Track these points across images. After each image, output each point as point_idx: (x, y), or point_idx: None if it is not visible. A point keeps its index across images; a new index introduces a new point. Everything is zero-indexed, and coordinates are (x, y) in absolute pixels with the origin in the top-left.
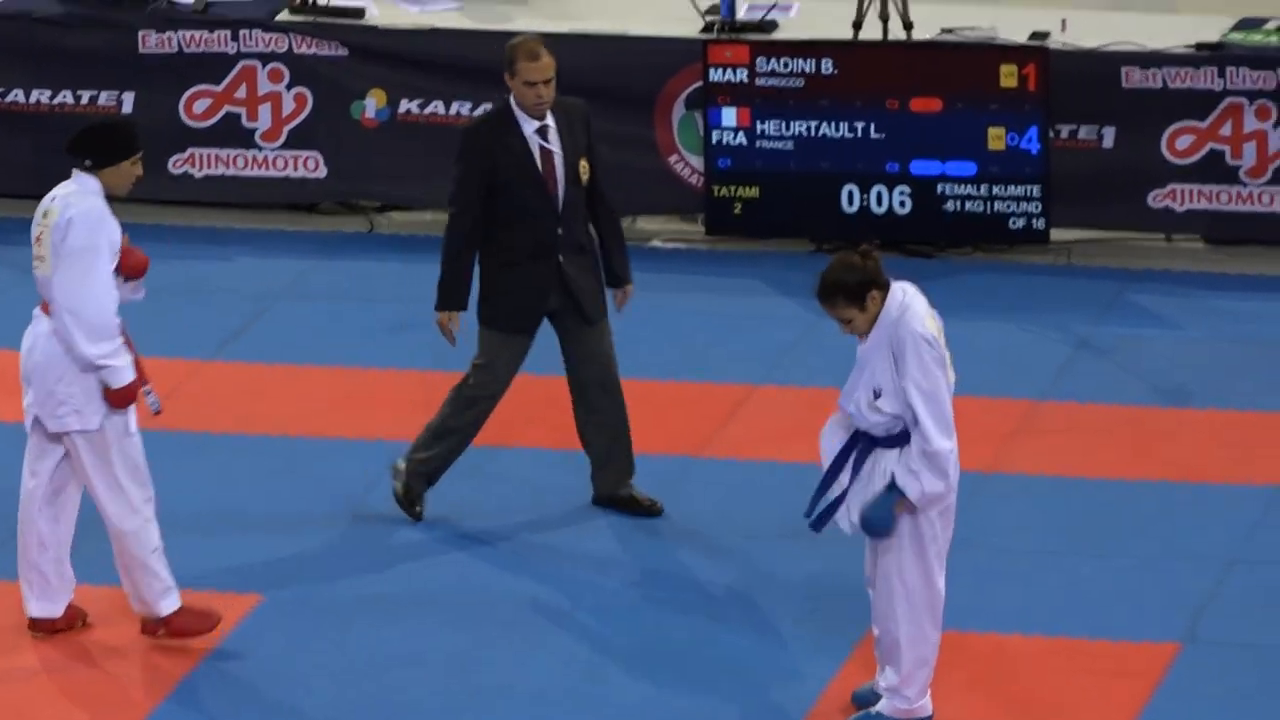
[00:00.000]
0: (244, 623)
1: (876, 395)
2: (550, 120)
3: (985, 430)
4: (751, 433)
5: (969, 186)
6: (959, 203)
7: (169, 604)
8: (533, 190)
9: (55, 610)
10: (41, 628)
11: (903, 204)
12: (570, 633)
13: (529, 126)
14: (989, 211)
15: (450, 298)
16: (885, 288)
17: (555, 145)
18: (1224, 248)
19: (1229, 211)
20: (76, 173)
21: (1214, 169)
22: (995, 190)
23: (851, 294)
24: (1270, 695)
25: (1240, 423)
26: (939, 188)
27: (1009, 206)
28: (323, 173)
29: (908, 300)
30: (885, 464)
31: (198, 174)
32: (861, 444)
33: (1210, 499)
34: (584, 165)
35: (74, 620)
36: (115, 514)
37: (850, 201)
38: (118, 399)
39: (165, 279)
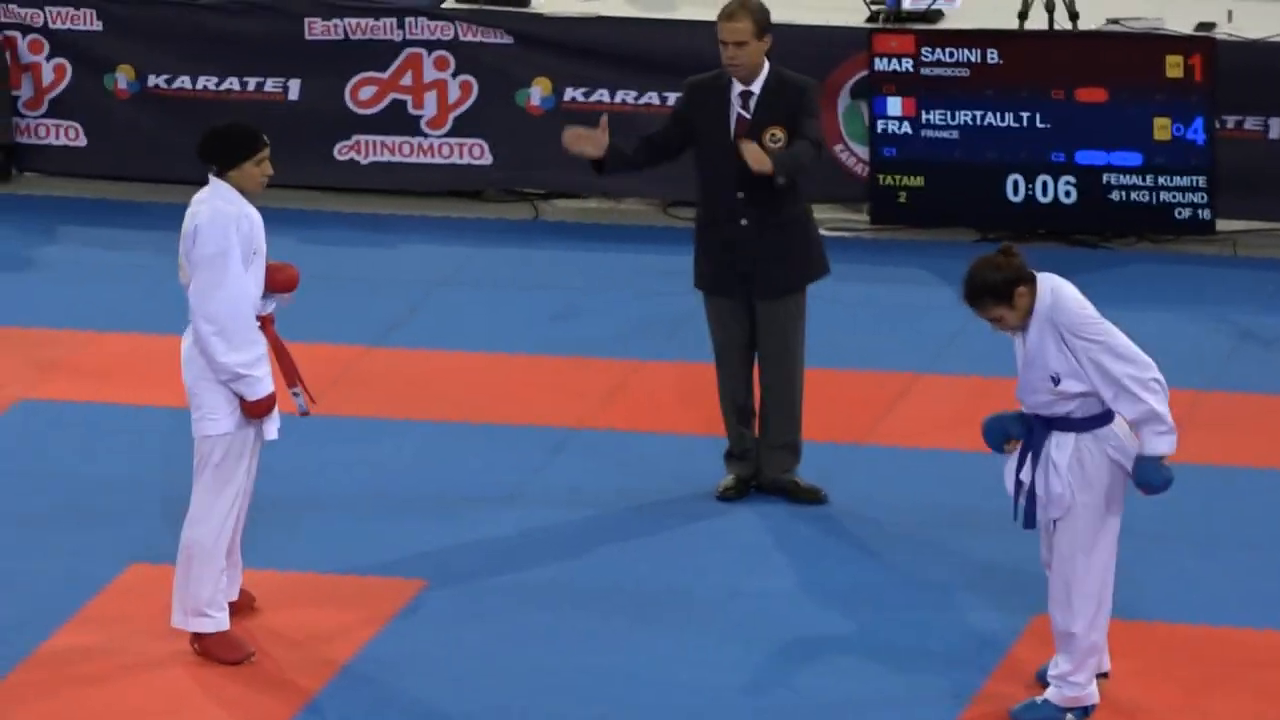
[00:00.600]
0: (408, 608)
1: (1056, 382)
2: (757, 89)
3: None
4: (914, 421)
5: (1134, 177)
6: (1124, 193)
7: (197, 624)
8: (720, 151)
9: (229, 594)
10: None
11: (1068, 194)
12: (737, 623)
13: (735, 89)
14: (1154, 202)
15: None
16: (1031, 282)
17: (750, 113)
18: None
19: None
20: (211, 178)
21: None
22: (1161, 180)
23: (998, 293)
24: None
25: None
26: (1104, 178)
27: (1174, 197)
28: (488, 160)
29: (1057, 287)
30: (1065, 445)
31: (363, 160)
32: (1036, 432)
33: None
34: (775, 132)
35: (244, 604)
36: (192, 515)
37: (1015, 191)
38: (254, 410)
39: (329, 265)
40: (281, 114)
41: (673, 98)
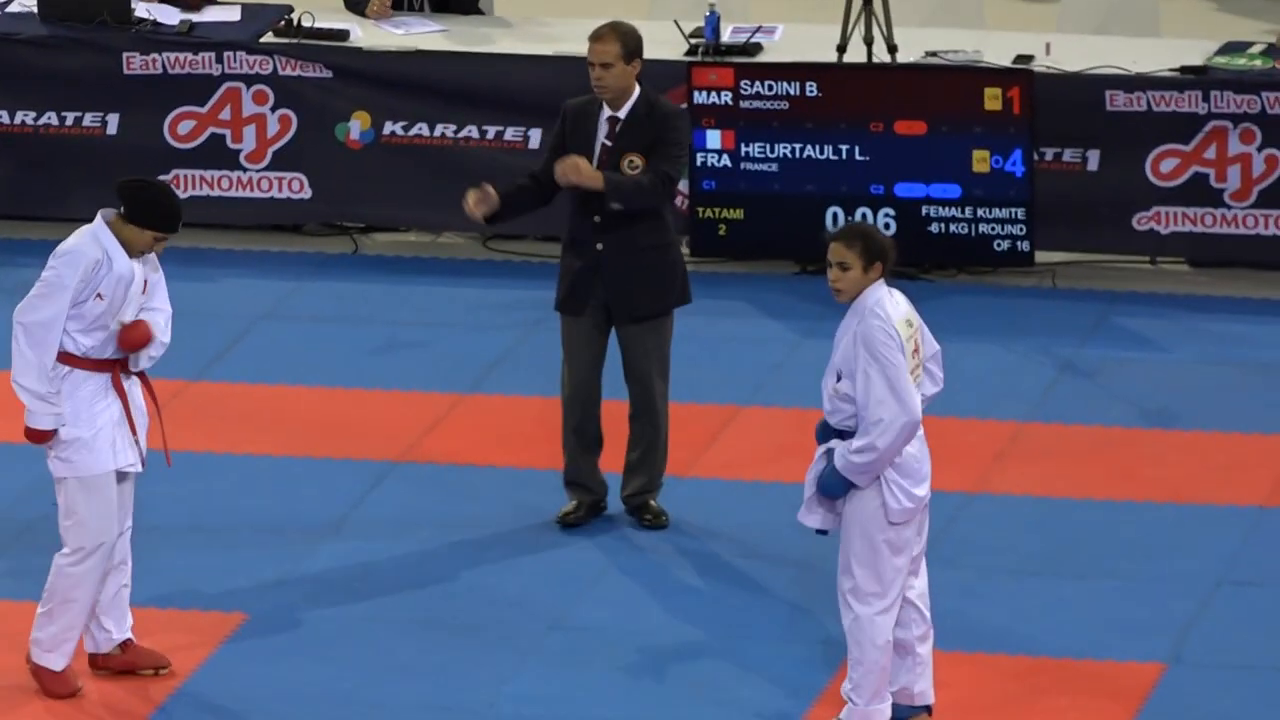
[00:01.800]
0: (228, 642)
1: (839, 379)
2: (623, 114)
3: (971, 451)
4: (737, 453)
5: (954, 209)
6: (944, 225)
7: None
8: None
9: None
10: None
11: (887, 226)
12: (552, 652)
13: (604, 114)
14: (974, 234)
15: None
16: (884, 274)
17: (611, 138)
18: (1208, 270)
19: (1213, 234)
20: (107, 213)
21: (1198, 192)
22: (980, 213)
23: (869, 250)
24: (1254, 716)
25: (1225, 444)
26: (924, 210)
27: (994, 229)
28: (307, 194)
29: (887, 297)
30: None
31: (183, 194)
32: (818, 434)
33: (1195, 520)
34: (632, 159)
35: (133, 658)
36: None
37: (835, 223)
38: (31, 436)
39: None
40: (100, 148)
41: (492, 131)
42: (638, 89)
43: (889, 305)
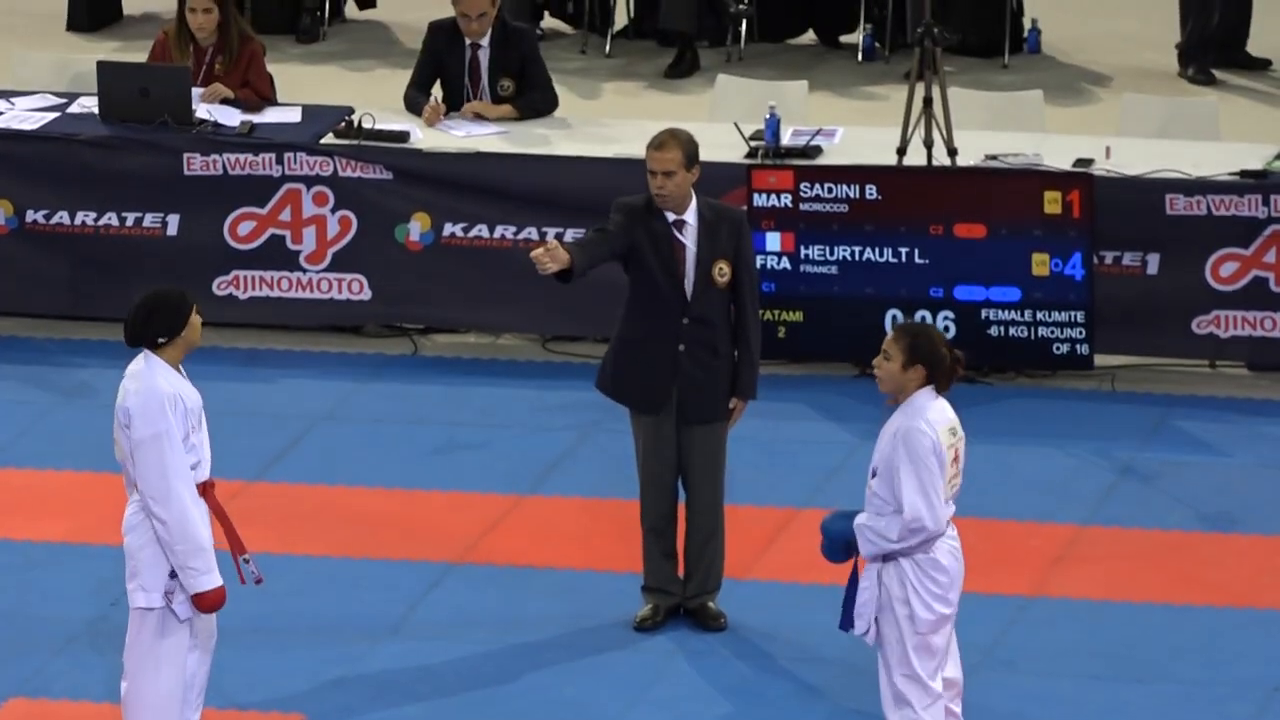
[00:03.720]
0: None
1: (873, 475)
2: (690, 219)
3: (1030, 555)
4: (795, 555)
5: (1013, 312)
6: (1003, 328)
7: None
8: (663, 274)
9: None
10: None
11: (946, 329)
12: None
13: (668, 217)
14: (1033, 337)
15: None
16: (930, 379)
17: (689, 241)
18: (1268, 374)
19: (1273, 338)
20: (145, 352)
21: (1258, 295)
22: (1039, 316)
23: (912, 349)
24: None
25: None
26: (983, 313)
27: (1053, 332)
28: (367, 295)
29: (932, 405)
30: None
31: (242, 296)
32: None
33: (1255, 625)
34: (722, 266)
35: None
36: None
37: (894, 326)
38: (201, 604)
39: (208, 401)
40: (160, 249)
41: (552, 232)
42: (693, 194)
43: (934, 411)
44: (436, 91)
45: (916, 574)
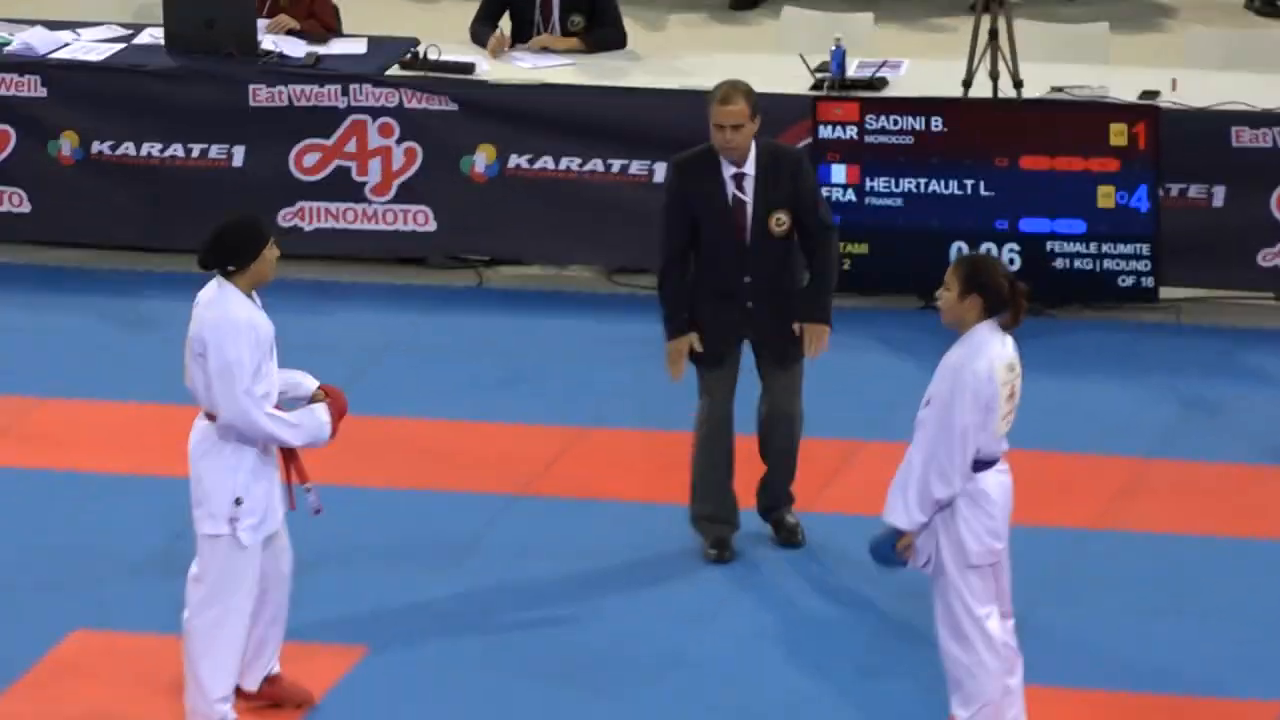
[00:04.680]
0: (349, 674)
1: (926, 404)
2: (750, 169)
3: (1094, 487)
4: (860, 488)
5: (1078, 244)
6: (1068, 260)
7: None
8: (723, 234)
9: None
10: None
11: (1011, 261)
12: (672, 688)
13: (728, 170)
14: (1098, 269)
15: (671, 325)
16: (990, 309)
17: (748, 195)
18: None
19: None
20: (219, 278)
21: None
22: (1105, 248)
23: (969, 279)
24: None
25: None
26: (1048, 245)
27: (1118, 265)
28: (432, 227)
29: (989, 339)
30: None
31: (307, 227)
32: None
33: None
34: (780, 217)
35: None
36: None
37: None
38: (339, 408)
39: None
40: (226, 180)
41: (617, 164)
42: (753, 143)
43: (985, 351)
44: (503, 24)
45: (967, 505)
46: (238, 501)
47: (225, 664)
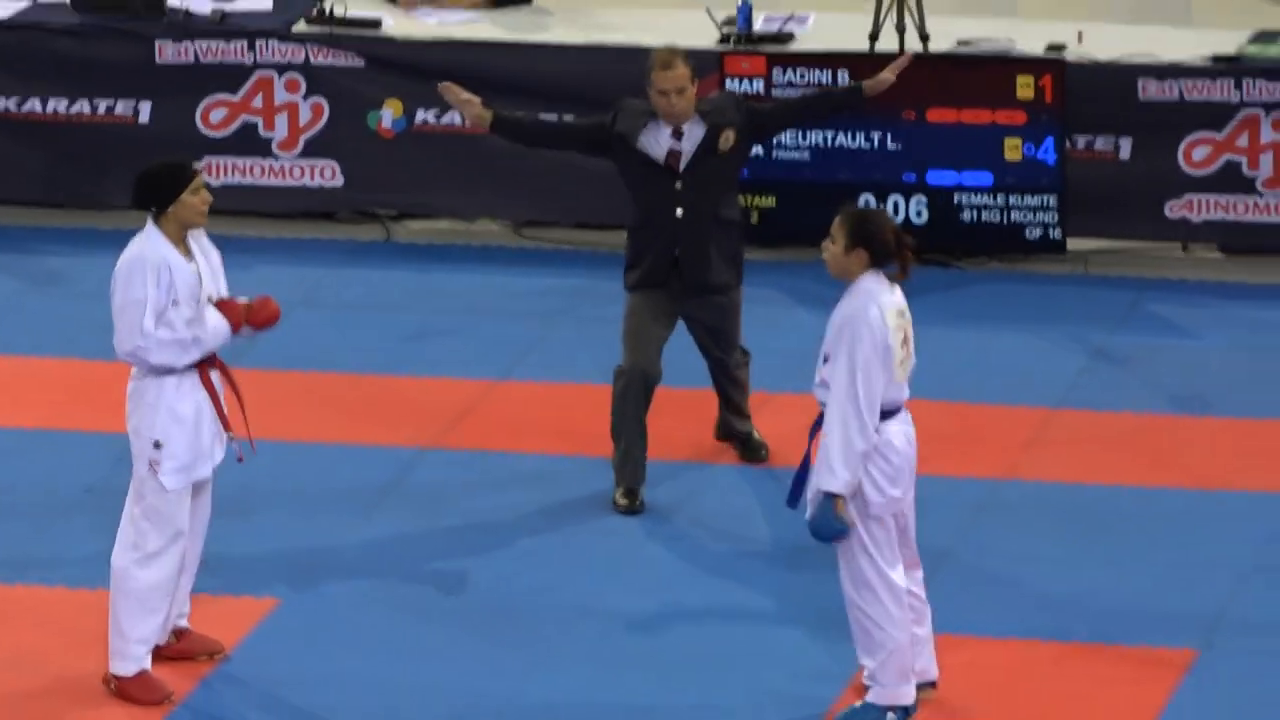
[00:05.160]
0: (261, 625)
1: (824, 361)
2: (686, 128)
3: (1001, 438)
4: (768, 438)
5: (985, 196)
6: (975, 212)
7: (120, 666)
8: (658, 179)
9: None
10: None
11: (919, 214)
12: (581, 638)
13: (664, 130)
14: (1005, 221)
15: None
16: (872, 262)
17: (687, 144)
18: (1240, 258)
19: (1245, 222)
20: (148, 221)
21: (1230, 180)
22: (1012, 200)
23: (854, 233)
24: None
25: (1258, 431)
26: (956, 198)
27: (1025, 216)
28: (339, 182)
29: (876, 288)
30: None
31: (215, 183)
32: (818, 420)
33: (1228, 506)
34: (726, 135)
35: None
36: (117, 549)
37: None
38: (263, 318)
39: None
40: (132, 137)
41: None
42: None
43: (876, 299)
44: None
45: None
46: (156, 445)
47: (147, 606)
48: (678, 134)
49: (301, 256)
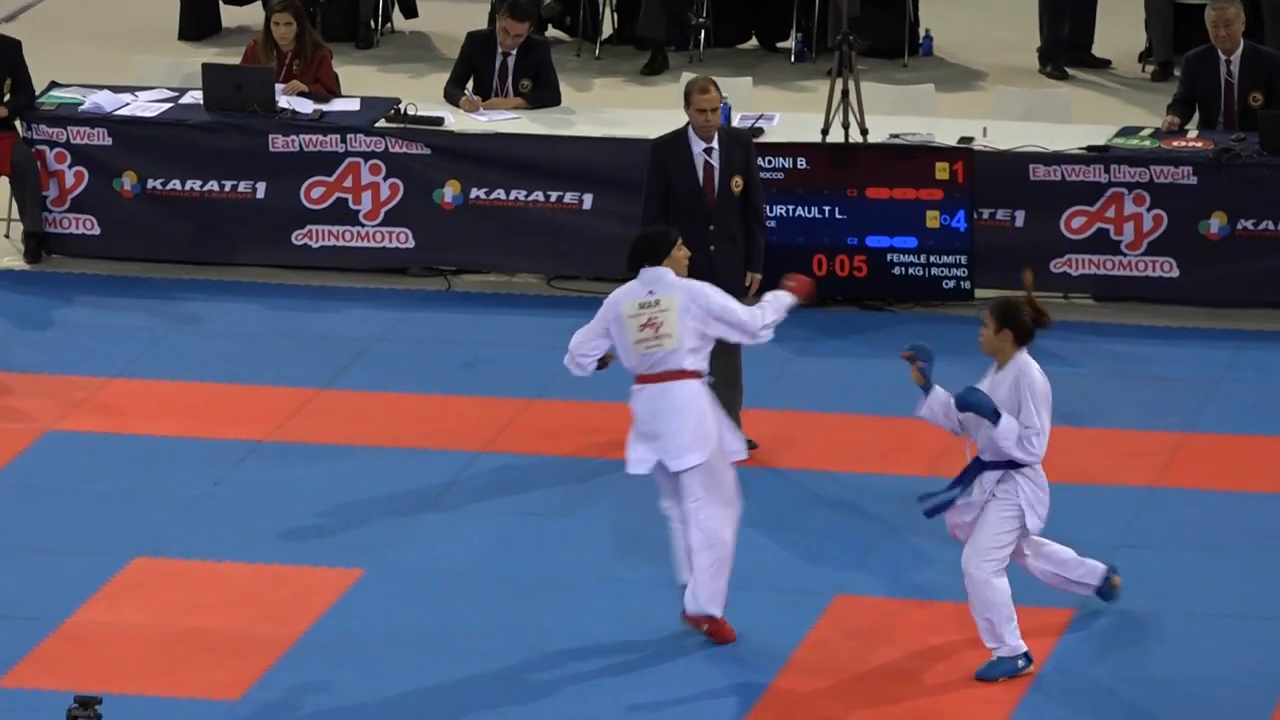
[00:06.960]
0: (348, 593)
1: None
2: (715, 144)
3: (925, 445)
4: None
5: (911, 256)
6: (904, 268)
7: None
8: (693, 194)
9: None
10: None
11: (859, 269)
12: (599, 596)
13: (698, 146)
14: (927, 275)
15: None
16: (1020, 342)
17: (716, 162)
18: (1109, 304)
19: (1113, 275)
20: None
21: (1101, 243)
22: (932, 259)
23: (1000, 317)
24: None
25: (1121, 439)
26: (888, 257)
27: (942, 271)
28: (411, 244)
29: (1031, 362)
30: (987, 484)
31: (314, 245)
32: (975, 464)
33: (1098, 497)
34: (737, 180)
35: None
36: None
37: (820, 267)
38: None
39: (290, 326)
40: (250, 209)
41: (554, 195)
42: None
43: (1034, 369)
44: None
45: (1032, 488)
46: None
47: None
48: (709, 152)
49: (381, 303)
